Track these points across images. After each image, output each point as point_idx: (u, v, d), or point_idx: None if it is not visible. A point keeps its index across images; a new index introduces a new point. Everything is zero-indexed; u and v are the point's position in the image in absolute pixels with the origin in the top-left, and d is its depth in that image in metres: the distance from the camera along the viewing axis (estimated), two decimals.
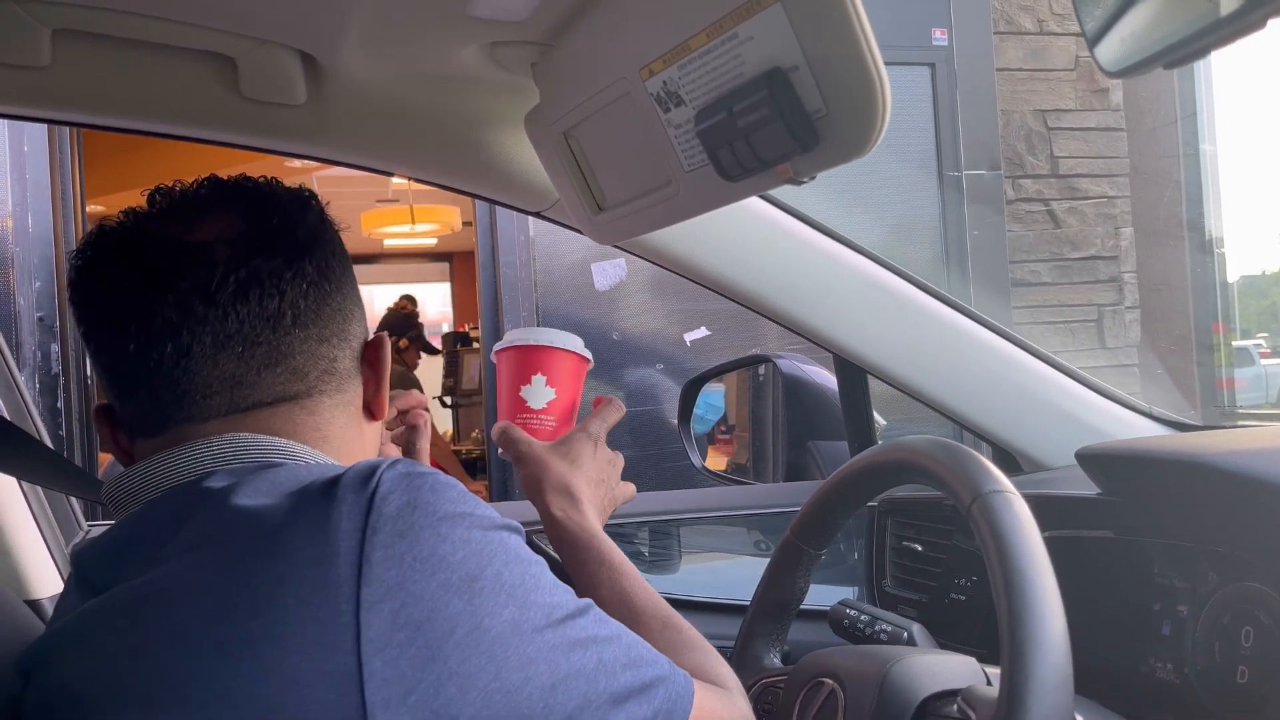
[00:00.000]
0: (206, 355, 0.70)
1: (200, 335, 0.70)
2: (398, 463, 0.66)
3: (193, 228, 0.72)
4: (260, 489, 0.65)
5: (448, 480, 0.67)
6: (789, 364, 1.74)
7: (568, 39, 0.87)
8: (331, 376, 0.76)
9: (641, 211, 0.92)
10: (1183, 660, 0.93)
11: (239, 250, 0.71)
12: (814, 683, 0.89)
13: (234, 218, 0.74)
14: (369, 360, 0.80)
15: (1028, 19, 4.31)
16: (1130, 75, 0.60)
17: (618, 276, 3.32)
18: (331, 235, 0.80)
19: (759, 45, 0.65)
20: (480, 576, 0.62)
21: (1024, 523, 0.74)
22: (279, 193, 0.78)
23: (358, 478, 0.64)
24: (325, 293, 0.76)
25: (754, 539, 1.63)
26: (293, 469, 0.68)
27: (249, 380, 0.72)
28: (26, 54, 0.92)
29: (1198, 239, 4.46)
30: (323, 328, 0.75)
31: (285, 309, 0.73)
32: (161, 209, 0.75)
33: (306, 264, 0.74)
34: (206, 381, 0.71)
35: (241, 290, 0.71)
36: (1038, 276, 4.25)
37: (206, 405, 0.71)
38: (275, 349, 0.72)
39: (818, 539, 1.02)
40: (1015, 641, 0.68)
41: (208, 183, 0.77)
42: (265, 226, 0.74)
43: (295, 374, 0.74)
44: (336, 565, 0.60)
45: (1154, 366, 4.33)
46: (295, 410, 0.74)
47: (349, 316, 0.79)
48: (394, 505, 0.63)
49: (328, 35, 0.93)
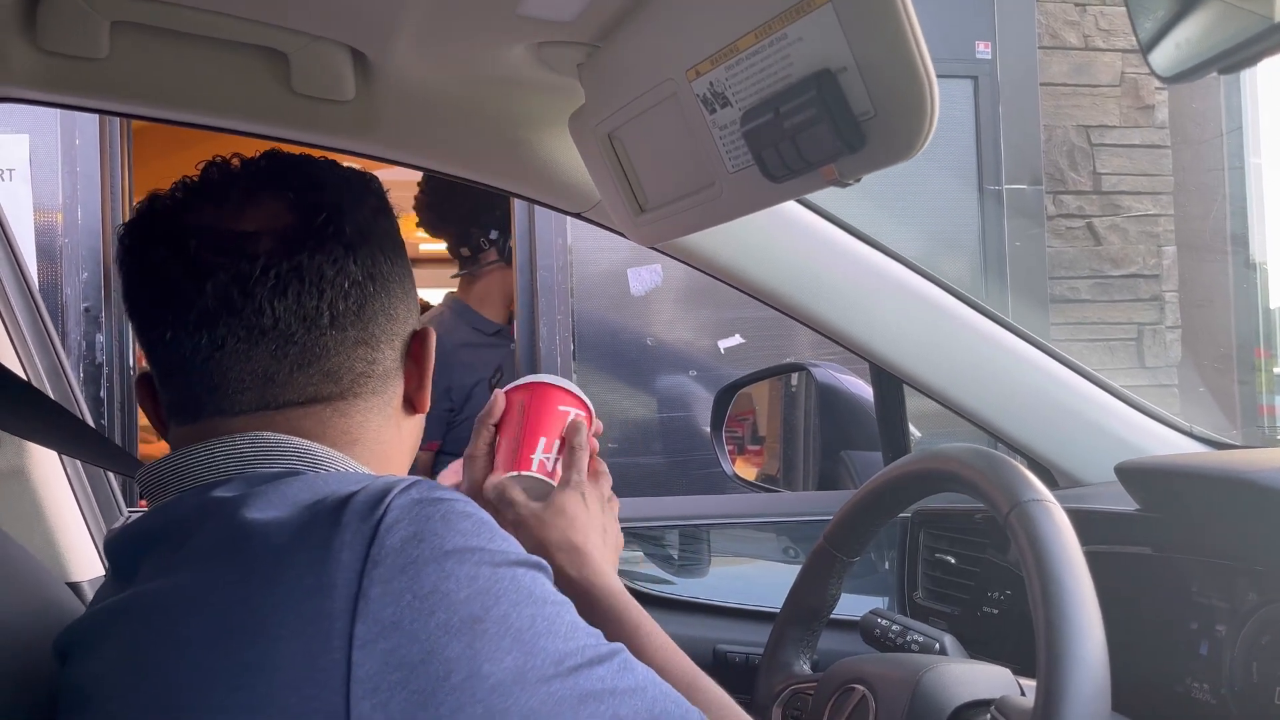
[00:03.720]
0: (240, 350, 0.69)
1: (235, 329, 0.69)
2: (414, 486, 0.62)
3: (239, 215, 0.70)
4: (273, 501, 0.63)
5: (464, 509, 0.62)
6: (824, 372, 1.73)
7: (615, 40, 0.87)
8: (368, 379, 0.74)
9: (684, 213, 0.92)
10: (1220, 681, 0.91)
11: (282, 244, 0.70)
12: (845, 689, 0.89)
13: (283, 207, 0.71)
14: (413, 354, 0.78)
15: (1073, 34, 4.27)
16: (1183, 81, 0.60)
17: (654, 282, 3.32)
18: (385, 229, 0.77)
19: (808, 46, 0.66)
20: (484, 618, 0.58)
21: (1063, 532, 0.74)
22: (335, 180, 0.75)
23: (366, 503, 0.61)
24: (369, 294, 0.73)
25: (783, 546, 1.63)
26: (310, 480, 0.65)
27: (280, 379, 0.70)
28: (86, 45, 0.94)
29: (1243, 254, 4.39)
30: (363, 329, 0.73)
31: (324, 309, 0.71)
32: (212, 190, 0.73)
33: (351, 263, 0.72)
34: (239, 376, 0.69)
35: (280, 286, 0.69)
36: (1077, 293, 4.20)
37: (238, 399, 0.70)
38: (310, 349, 0.70)
39: (851, 546, 1.01)
40: (1052, 652, 0.68)
41: (265, 161, 0.75)
42: (313, 220, 0.71)
43: (329, 376, 0.72)
44: (332, 598, 0.57)
45: (1195, 385, 4.27)
46: (326, 412, 0.72)
47: (394, 316, 0.76)
48: (398, 537, 0.59)
49: (379, 32, 0.94)
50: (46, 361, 1.32)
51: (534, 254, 3.35)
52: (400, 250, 0.78)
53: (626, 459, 3.22)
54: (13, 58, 0.95)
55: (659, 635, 0.86)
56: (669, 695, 0.65)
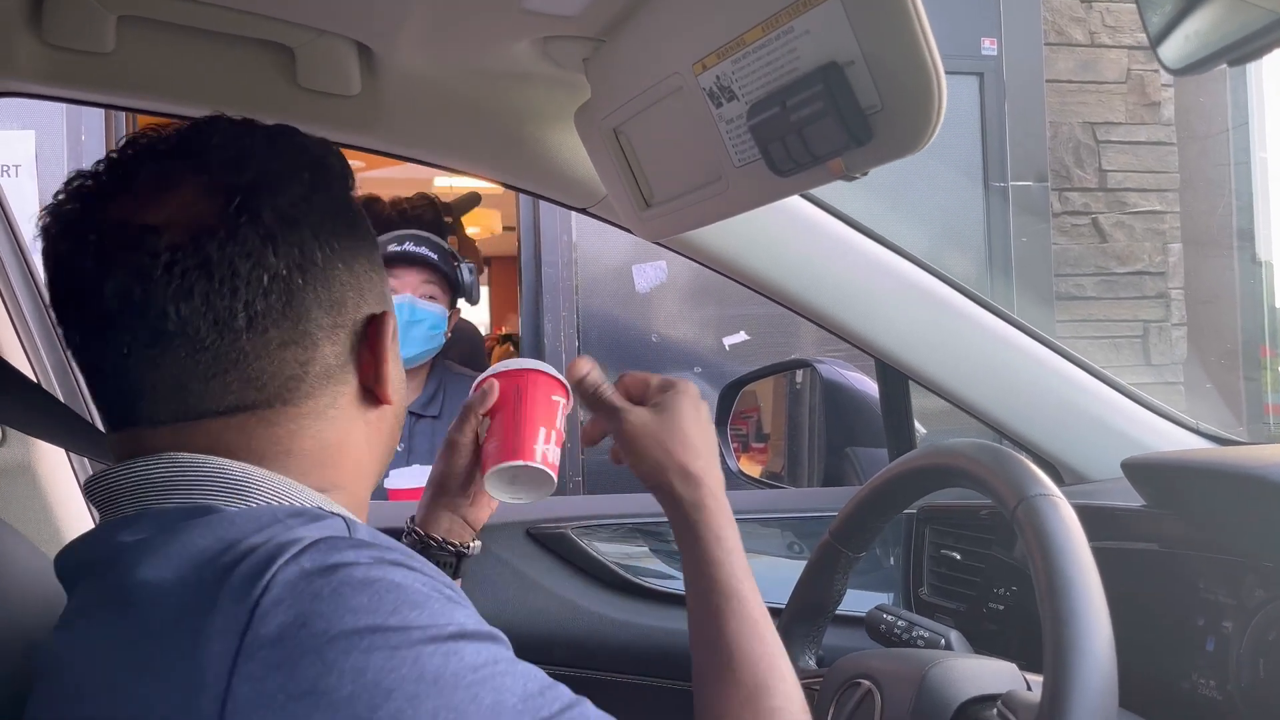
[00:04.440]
0: (146, 356, 0.62)
1: (139, 333, 0.61)
2: (308, 550, 0.54)
3: (147, 204, 0.62)
4: (170, 555, 0.57)
5: (365, 575, 0.54)
6: (829, 369, 1.73)
7: (621, 34, 0.87)
8: (300, 383, 0.65)
9: (689, 207, 0.92)
10: (1226, 677, 0.91)
11: (189, 237, 0.61)
12: (850, 684, 0.89)
13: (195, 192, 0.63)
14: (368, 341, 0.69)
15: (1079, 31, 4.26)
16: (1192, 73, 0.60)
17: (658, 279, 3.32)
18: (325, 208, 0.67)
19: (815, 39, 0.66)
20: (371, 718, 0.50)
21: (1070, 526, 0.74)
22: (262, 156, 0.66)
23: (247, 576, 0.53)
24: (297, 288, 0.64)
25: (788, 542, 1.62)
26: (217, 524, 0.58)
27: (194, 388, 0.62)
28: (92, 40, 0.94)
29: (1249, 251, 4.38)
30: (291, 329, 0.64)
31: (238, 310, 0.62)
32: (124, 173, 0.65)
33: (271, 255, 0.63)
34: (150, 384, 0.62)
35: (185, 286, 0.61)
36: (1082, 290, 4.19)
37: (153, 409, 0.63)
38: (224, 356, 0.62)
39: (856, 542, 1.01)
40: (1059, 646, 0.68)
41: (188, 135, 0.66)
42: (227, 205, 0.62)
43: (250, 383, 0.63)
44: (201, 696, 0.51)
45: (1201, 382, 4.26)
46: (250, 422, 0.64)
47: (338, 306, 0.67)
48: (276, 624, 0.51)
49: (385, 27, 0.94)
50: (54, 357, 1.33)
51: (539, 250, 3.35)
52: (349, 229, 0.68)
53: None
54: (19, 52, 0.95)
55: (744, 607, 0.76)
56: None
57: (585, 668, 1.34)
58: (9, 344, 1.26)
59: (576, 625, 1.34)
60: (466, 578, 1.00)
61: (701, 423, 0.83)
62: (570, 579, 1.36)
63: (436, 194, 3.49)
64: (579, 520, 1.38)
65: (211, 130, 0.67)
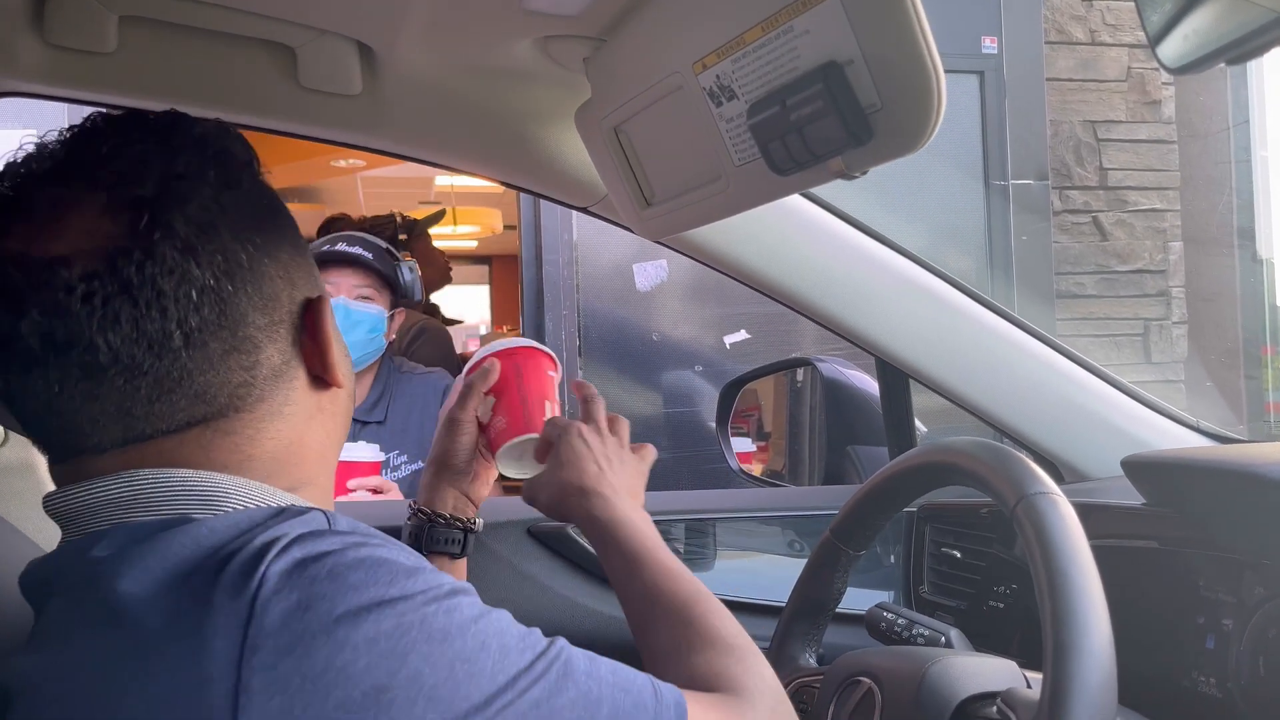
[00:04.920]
0: (82, 389, 0.58)
1: (68, 369, 0.58)
2: (296, 543, 0.55)
3: (47, 232, 0.58)
4: (150, 567, 0.55)
5: (355, 557, 0.55)
6: (829, 367, 1.73)
7: (621, 33, 0.87)
8: (250, 388, 0.63)
9: (690, 206, 0.93)
10: (1226, 675, 0.91)
11: (102, 262, 0.57)
12: (850, 681, 0.89)
13: (95, 213, 0.59)
14: (307, 329, 0.67)
15: (1079, 29, 4.26)
16: (1191, 72, 0.60)
17: (659, 277, 3.32)
18: (237, 204, 0.63)
19: (815, 39, 0.66)
20: (391, 685, 0.52)
21: (1069, 524, 0.74)
22: (158, 163, 0.61)
23: (239, 573, 0.53)
24: (229, 295, 0.61)
25: (789, 540, 1.63)
26: (195, 532, 0.57)
27: (139, 412, 0.59)
28: (94, 40, 0.94)
29: (1250, 249, 4.38)
30: (229, 338, 0.61)
31: (172, 329, 0.59)
32: (17, 199, 0.60)
33: (194, 267, 0.59)
34: (90, 416, 0.59)
35: (110, 315, 0.57)
36: (1083, 289, 4.20)
37: (99, 437, 0.60)
38: (166, 377, 0.59)
39: (857, 539, 1.01)
40: (1059, 643, 0.68)
41: (72, 149, 0.62)
42: (136, 222, 0.58)
43: (199, 398, 0.61)
44: (209, 693, 0.51)
45: (1201, 380, 4.26)
46: (206, 435, 0.61)
47: (272, 302, 0.64)
48: (278, 612, 0.52)
49: (386, 26, 0.94)
50: None
51: (540, 249, 3.36)
52: (267, 218, 0.65)
53: None
54: (20, 52, 0.96)
55: (657, 561, 0.83)
56: (620, 685, 0.60)
57: None
58: None
59: (577, 623, 1.34)
60: (468, 576, 1.01)
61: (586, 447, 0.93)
62: (571, 577, 1.36)
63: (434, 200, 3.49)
64: None
65: (96, 139, 0.62)
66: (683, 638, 0.76)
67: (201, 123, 0.65)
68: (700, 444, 3.20)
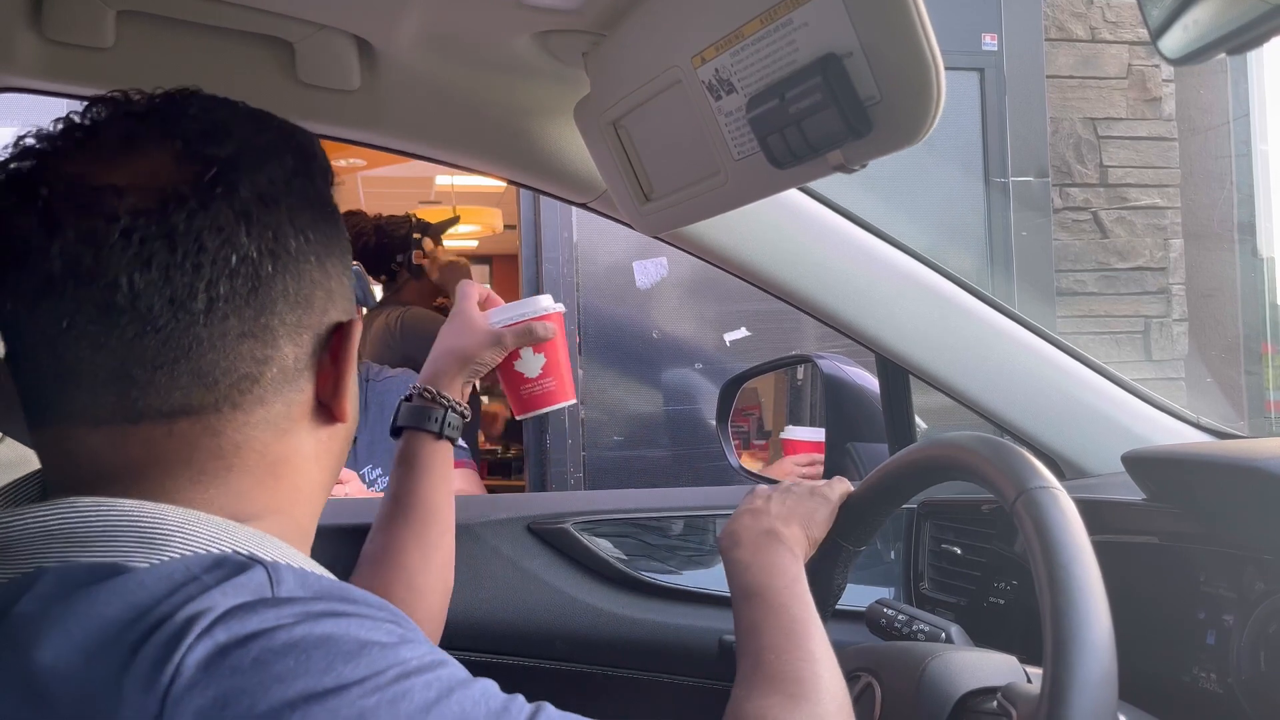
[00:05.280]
0: (89, 332, 0.55)
1: (84, 304, 0.54)
2: (219, 624, 0.48)
3: (110, 165, 0.56)
4: (70, 631, 0.49)
5: (290, 638, 0.49)
6: (830, 364, 1.73)
7: (620, 28, 0.87)
8: (255, 384, 0.59)
9: (689, 201, 0.92)
10: (1227, 670, 0.91)
11: (155, 202, 0.55)
12: (850, 677, 0.89)
13: (166, 158, 0.57)
14: (331, 349, 0.63)
15: (1080, 26, 4.25)
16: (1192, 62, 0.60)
17: (659, 275, 3.32)
18: (306, 195, 0.62)
19: (813, 31, 0.66)
20: None
21: (1069, 518, 0.74)
22: (245, 131, 0.61)
23: (152, 659, 0.47)
24: (266, 275, 0.58)
25: None
26: (121, 588, 0.51)
27: (140, 378, 0.56)
28: (92, 35, 0.94)
29: (1250, 244, 4.38)
30: (253, 319, 0.58)
31: (199, 289, 0.56)
32: (87, 131, 0.59)
33: (243, 234, 0.57)
34: (90, 367, 0.55)
35: (143, 255, 0.54)
36: (1084, 286, 4.19)
37: (91, 401, 0.56)
38: (176, 340, 0.56)
39: (857, 536, 1.01)
40: (1059, 637, 0.68)
41: (161, 101, 0.61)
42: (200, 176, 0.56)
43: (200, 378, 0.57)
44: None
45: (1202, 377, 4.26)
46: (195, 430, 0.57)
47: (305, 303, 0.61)
48: (192, 710, 0.46)
49: (384, 21, 0.94)
50: None
51: (539, 246, 3.36)
52: (326, 224, 0.63)
53: (632, 451, 3.22)
54: (18, 47, 0.95)
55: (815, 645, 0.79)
56: None
57: (585, 662, 1.34)
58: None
59: (576, 620, 1.34)
60: (467, 574, 1.01)
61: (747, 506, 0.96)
62: (570, 574, 1.36)
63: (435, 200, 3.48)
64: (579, 515, 1.38)
65: (189, 101, 0.62)
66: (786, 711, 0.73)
67: (293, 125, 0.66)
68: (700, 441, 3.20)
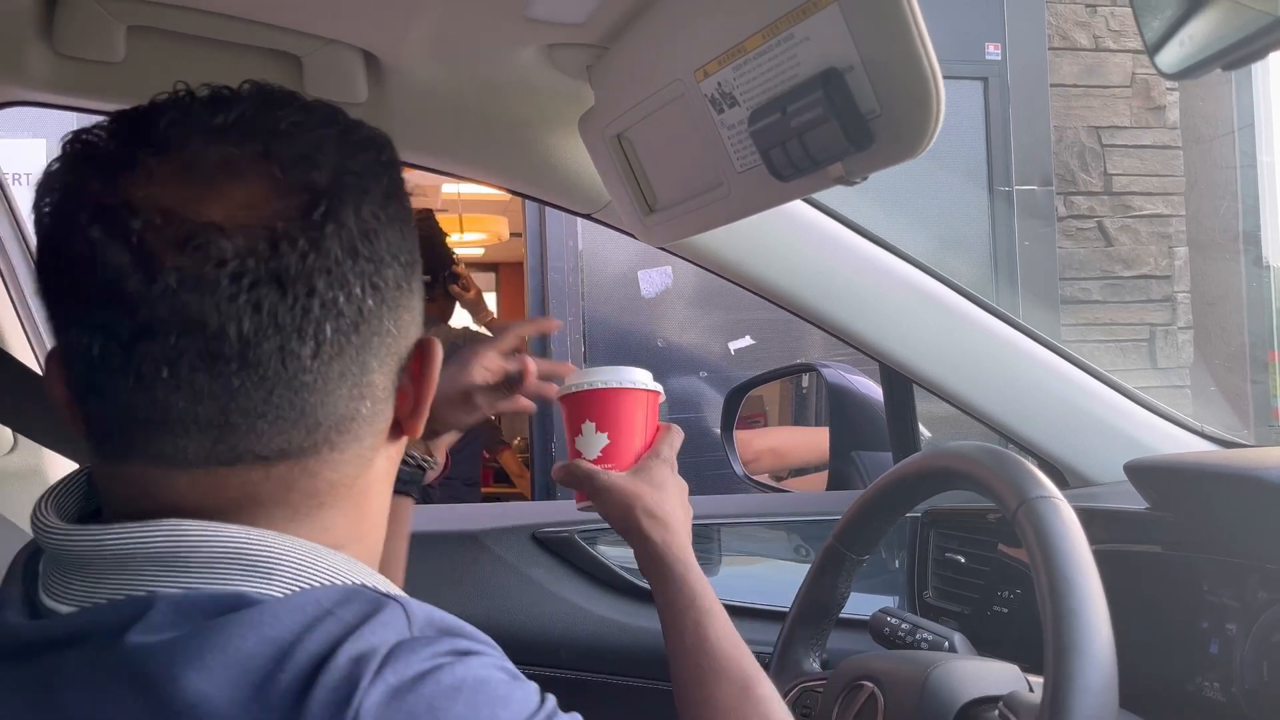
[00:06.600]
0: (190, 380, 0.51)
1: (186, 351, 0.50)
2: (387, 665, 0.48)
3: (207, 194, 0.51)
4: (212, 664, 0.47)
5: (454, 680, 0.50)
6: (834, 373, 1.74)
7: (624, 41, 0.88)
8: (352, 424, 0.56)
9: (692, 213, 0.93)
10: (1230, 679, 0.91)
11: (265, 241, 0.51)
12: (853, 686, 0.89)
13: (264, 187, 0.52)
14: (413, 370, 0.60)
15: (1083, 35, 4.26)
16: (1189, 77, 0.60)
17: (664, 284, 3.33)
18: (398, 217, 0.58)
19: (814, 46, 0.66)
20: None
21: (1071, 528, 0.74)
22: (339, 151, 0.55)
23: (327, 705, 0.47)
24: (368, 312, 0.55)
25: (794, 545, 1.63)
26: (252, 620, 0.49)
27: (239, 424, 0.52)
28: (102, 49, 0.95)
29: (1254, 253, 4.38)
30: (351, 360, 0.55)
31: (308, 332, 0.52)
32: (170, 146, 0.52)
33: (349, 272, 0.53)
34: (183, 415, 0.52)
35: (253, 300, 0.50)
36: (1088, 294, 4.19)
37: (180, 446, 0.52)
38: (279, 387, 0.52)
39: (861, 544, 1.02)
40: (1060, 646, 0.68)
41: (246, 111, 0.54)
42: (308, 212, 0.52)
43: (300, 422, 0.54)
44: None
45: (1206, 385, 4.25)
46: (294, 473, 0.55)
47: (399, 331, 0.58)
48: None
49: (391, 35, 0.95)
50: None
51: (545, 256, 3.37)
52: (412, 240, 0.60)
53: None
54: (29, 61, 0.97)
55: (726, 624, 0.83)
56: None
57: (590, 671, 1.34)
58: (21, 352, 1.27)
59: (582, 628, 1.35)
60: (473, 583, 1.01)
61: (675, 485, 0.92)
62: (576, 582, 1.37)
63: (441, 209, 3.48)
64: (584, 524, 1.39)
65: (277, 107, 0.55)
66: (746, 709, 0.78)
67: (368, 125, 0.60)
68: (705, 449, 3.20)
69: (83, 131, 0.54)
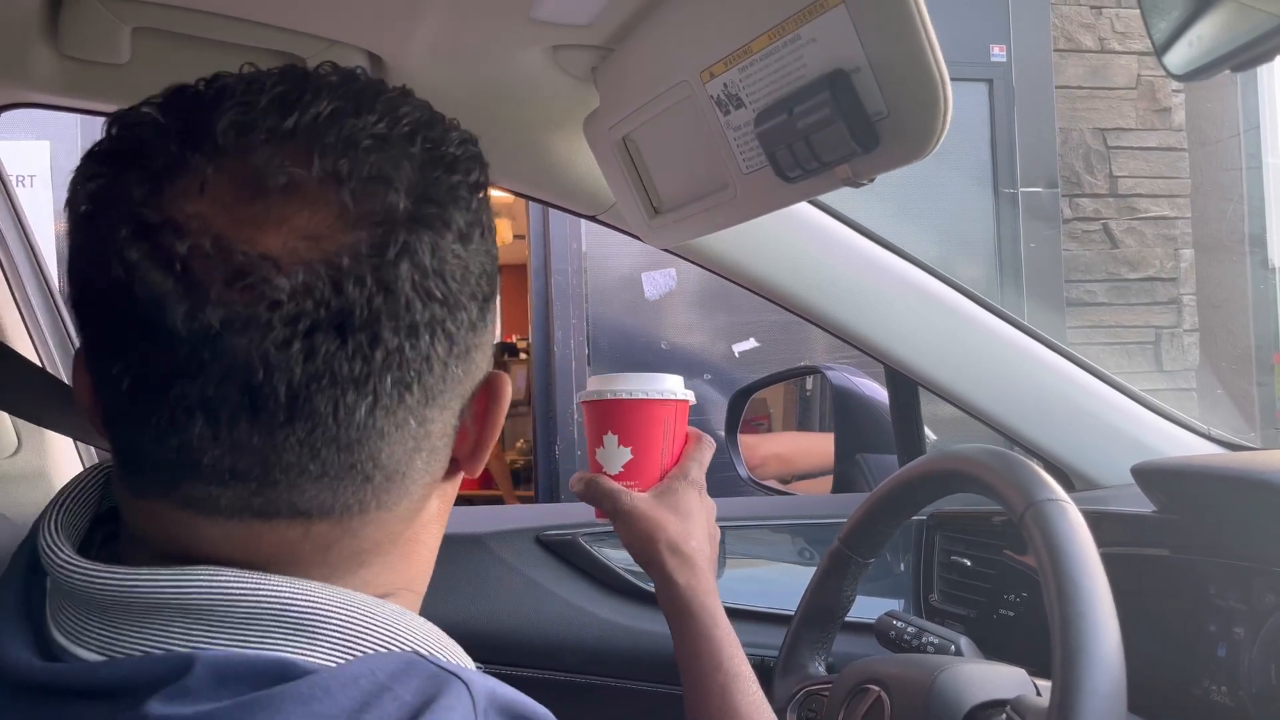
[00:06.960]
0: (230, 427, 0.44)
1: (228, 394, 0.44)
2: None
3: (261, 216, 0.44)
4: None
5: None
6: (839, 375, 1.73)
7: (630, 42, 0.88)
8: (403, 480, 0.50)
9: (698, 215, 0.93)
10: (1238, 683, 0.91)
11: (324, 279, 0.43)
12: (859, 689, 0.89)
13: (330, 210, 0.44)
14: (476, 410, 0.53)
15: (1088, 37, 4.26)
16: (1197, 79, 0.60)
17: (667, 286, 3.33)
18: (482, 250, 0.50)
19: (821, 47, 0.66)
20: None
21: (1078, 531, 0.74)
22: (416, 170, 0.47)
23: None
24: (435, 359, 0.47)
25: (799, 548, 1.63)
26: (301, 694, 0.43)
27: (281, 479, 0.46)
28: (107, 51, 0.95)
29: (1260, 255, 4.37)
30: (409, 412, 0.48)
31: (368, 384, 0.45)
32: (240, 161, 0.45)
33: (418, 316, 0.46)
34: (221, 461, 0.45)
35: (309, 348, 0.43)
36: (1094, 297, 4.19)
37: (213, 495, 0.46)
38: (332, 441, 0.46)
39: (866, 547, 1.01)
40: (1067, 650, 0.68)
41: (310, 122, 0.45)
42: (380, 242, 0.45)
43: (347, 478, 0.47)
44: None
45: (1213, 387, 4.25)
46: (336, 533, 0.49)
47: (467, 374, 0.51)
48: None
49: (396, 37, 0.95)
50: (69, 364, 1.34)
51: (548, 259, 3.37)
52: (492, 272, 0.51)
53: None
54: (34, 63, 0.97)
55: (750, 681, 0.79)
56: None
57: (594, 674, 1.34)
58: (25, 349, 1.27)
59: (585, 631, 1.34)
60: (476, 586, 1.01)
61: (703, 511, 0.87)
62: (580, 585, 1.37)
63: None
64: (588, 527, 1.39)
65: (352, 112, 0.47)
66: None
67: (460, 133, 0.51)
68: None
69: (128, 114, 0.47)
